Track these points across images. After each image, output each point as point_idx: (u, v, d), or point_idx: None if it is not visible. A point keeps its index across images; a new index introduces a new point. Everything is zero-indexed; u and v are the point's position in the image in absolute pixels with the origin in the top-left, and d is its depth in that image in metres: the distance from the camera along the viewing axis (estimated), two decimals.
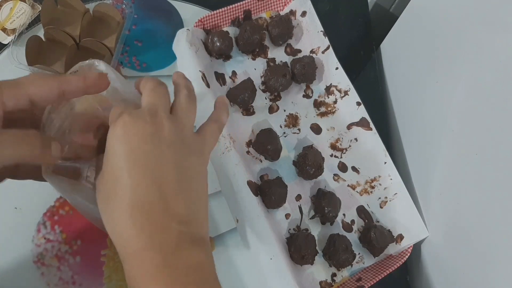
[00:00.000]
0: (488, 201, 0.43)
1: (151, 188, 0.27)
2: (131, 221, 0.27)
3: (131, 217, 0.27)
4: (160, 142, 0.29)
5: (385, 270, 0.50)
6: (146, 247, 0.26)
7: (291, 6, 0.59)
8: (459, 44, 0.47)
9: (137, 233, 0.27)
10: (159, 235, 0.27)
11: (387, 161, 0.54)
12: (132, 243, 0.27)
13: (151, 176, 0.28)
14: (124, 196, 0.27)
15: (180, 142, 0.30)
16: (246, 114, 0.55)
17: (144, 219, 0.27)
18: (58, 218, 0.50)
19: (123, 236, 0.27)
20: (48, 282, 0.48)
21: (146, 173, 0.28)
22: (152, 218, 0.27)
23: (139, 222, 0.27)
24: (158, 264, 0.26)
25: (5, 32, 0.56)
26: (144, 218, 0.27)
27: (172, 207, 0.28)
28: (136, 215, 0.27)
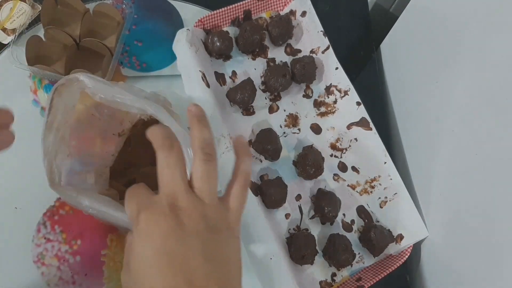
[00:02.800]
0: (488, 201, 0.43)
1: (181, 285, 0.27)
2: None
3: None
4: (184, 233, 0.28)
5: (385, 270, 0.50)
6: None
7: (291, 6, 0.59)
8: (459, 44, 0.47)
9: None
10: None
11: (387, 161, 0.55)
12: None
13: (179, 274, 0.27)
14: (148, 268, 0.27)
15: (204, 226, 0.29)
16: (246, 114, 0.55)
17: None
18: (58, 218, 0.50)
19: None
20: (48, 282, 0.48)
21: (174, 272, 0.27)
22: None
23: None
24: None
25: (5, 32, 0.56)
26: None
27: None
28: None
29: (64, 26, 0.54)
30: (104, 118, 0.47)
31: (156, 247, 0.28)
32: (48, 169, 0.40)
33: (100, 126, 0.47)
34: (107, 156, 0.49)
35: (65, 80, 0.40)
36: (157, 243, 0.28)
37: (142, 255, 0.28)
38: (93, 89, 0.41)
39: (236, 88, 0.53)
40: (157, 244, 0.28)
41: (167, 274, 0.27)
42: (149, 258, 0.28)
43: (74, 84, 0.41)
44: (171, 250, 0.28)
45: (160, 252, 0.28)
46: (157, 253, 0.28)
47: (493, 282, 0.43)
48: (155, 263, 0.27)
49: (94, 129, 0.47)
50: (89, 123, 0.46)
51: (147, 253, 0.28)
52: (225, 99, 0.54)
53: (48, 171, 0.40)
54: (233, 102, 0.54)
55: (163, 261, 0.27)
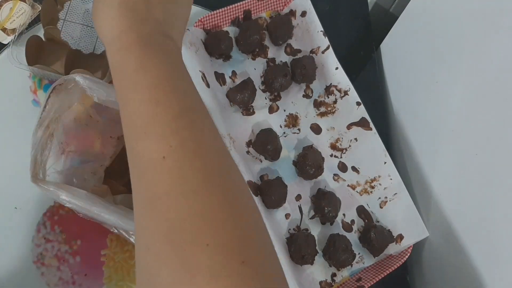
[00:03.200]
0: (488, 201, 0.43)
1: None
2: (117, 11, 0.31)
3: (118, 12, 0.31)
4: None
5: (385, 270, 0.50)
6: (126, 31, 0.31)
7: (291, 6, 0.59)
8: (459, 44, 0.47)
9: (120, 23, 0.31)
10: (138, 24, 0.31)
11: (387, 161, 0.54)
12: (115, 30, 0.31)
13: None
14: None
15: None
16: (246, 114, 0.55)
17: (128, 13, 0.31)
18: (58, 218, 0.50)
19: (110, 24, 0.31)
20: (48, 282, 0.48)
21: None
22: (134, 13, 0.31)
23: (123, 16, 0.31)
24: (134, 39, 0.30)
25: (5, 32, 0.56)
26: (128, 13, 0.31)
27: (152, 12, 0.32)
28: (122, 11, 0.31)
29: None
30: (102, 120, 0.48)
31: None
32: (32, 164, 0.41)
33: (98, 128, 0.48)
34: (103, 157, 0.49)
35: (63, 80, 0.42)
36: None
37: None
38: (89, 89, 0.42)
39: (236, 88, 0.53)
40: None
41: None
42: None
43: (71, 84, 0.42)
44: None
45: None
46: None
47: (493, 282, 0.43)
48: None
49: (92, 130, 0.48)
50: (86, 124, 0.47)
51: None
52: (225, 99, 0.54)
53: (32, 166, 0.41)
54: (233, 102, 0.54)
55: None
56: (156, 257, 0.26)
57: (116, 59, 0.31)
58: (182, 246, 0.25)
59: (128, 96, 0.30)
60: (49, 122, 0.42)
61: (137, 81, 0.30)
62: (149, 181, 0.27)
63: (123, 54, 0.30)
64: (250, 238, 0.26)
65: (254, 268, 0.25)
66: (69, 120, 0.46)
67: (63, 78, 0.42)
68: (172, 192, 0.26)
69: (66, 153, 0.47)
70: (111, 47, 0.31)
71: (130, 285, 0.48)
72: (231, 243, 0.25)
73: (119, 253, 0.49)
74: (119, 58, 0.31)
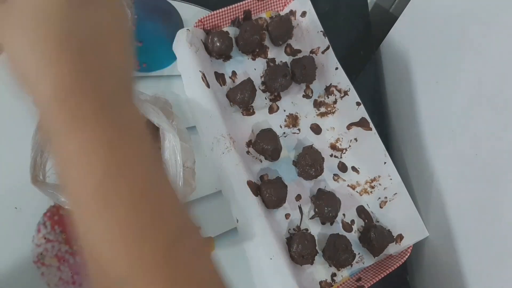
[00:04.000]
0: (488, 201, 0.43)
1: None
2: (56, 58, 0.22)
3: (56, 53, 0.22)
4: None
5: (385, 270, 0.50)
6: (74, 91, 0.22)
7: (291, 6, 0.59)
8: (459, 44, 0.47)
9: (63, 78, 0.22)
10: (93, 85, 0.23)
11: (387, 161, 0.54)
12: (58, 86, 0.22)
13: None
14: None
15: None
16: (246, 114, 0.55)
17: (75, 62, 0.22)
18: (58, 218, 0.50)
19: (47, 80, 0.22)
20: (48, 282, 0.48)
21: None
22: (83, 57, 0.22)
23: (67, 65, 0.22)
24: (90, 110, 0.22)
25: None
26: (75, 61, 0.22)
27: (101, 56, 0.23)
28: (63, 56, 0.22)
29: None
30: None
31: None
32: (31, 166, 0.41)
33: None
34: None
35: None
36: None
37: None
38: None
39: (236, 88, 0.53)
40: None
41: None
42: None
43: None
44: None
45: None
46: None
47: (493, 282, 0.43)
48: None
49: None
50: None
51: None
52: (225, 99, 0.54)
53: (32, 168, 0.41)
54: (233, 102, 0.54)
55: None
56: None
57: (57, 137, 0.23)
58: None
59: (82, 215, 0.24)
60: None
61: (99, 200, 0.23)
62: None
63: (73, 131, 0.22)
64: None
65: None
66: None
67: None
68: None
69: None
70: (51, 107, 0.22)
71: None
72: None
73: None
74: (61, 138, 0.23)
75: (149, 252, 0.23)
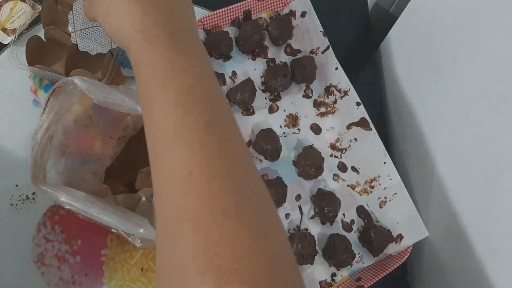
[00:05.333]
0: (488, 200, 0.43)
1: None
2: (137, 9, 0.29)
3: (137, 5, 0.29)
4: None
5: (385, 270, 0.50)
6: (150, 26, 0.28)
7: (291, 6, 0.59)
8: (459, 44, 0.47)
9: (143, 18, 0.29)
10: (163, 19, 0.29)
11: (387, 161, 0.54)
12: (136, 27, 0.29)
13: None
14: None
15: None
16: (246, 114, 0.55)
17: (149, 6, 0.29)
18: (58, 218, 0.50)
19: (129, 25, 0.29)
20: (48, 282, 0.48)
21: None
22: (156, 6, 0.29)
23: (145, 9, 0.29)
24: (161, 35, 0.28)
25: (5, 32, 0.56)
26: (149, 5, 0.29)
27: (173, 4, 0.30)
28: (142, 4, 0.29)
29: (64, 27, 0.54)
30: (103, 121, 0.49)
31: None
32: (32, 166, 0.42)
33: (99, 129, 0.49)
34: (104, 158, 0.50)
35: (62, 83, 0.43)
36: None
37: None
38: (87, 91, 0.43)
39: (236, 88, 0.53)
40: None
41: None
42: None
43: (70, 87, 0.43)
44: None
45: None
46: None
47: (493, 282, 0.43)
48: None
49: (92, 131, 0.49)
50: (86, 125, 0.48)
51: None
52: None
53: (32, 168, 0.42)
54: (233, 102, 0.54)
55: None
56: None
57: (142, 58, 0.28)
58: (208, 271, 0.23)
59: (154, 98, 0.27)
60: (48, 124, 0.42)
61: (166, 83, 0.27)
62: (175, 198, 0.26)
63: (150, 52, 0.28)
64: (276, 269, 0.25)
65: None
66: (69, 121, 0.46)
67: (62, 80, 0.43)
68: (201, 215, 0.24)
69: (67, 154, 0.47)
70: (134, 46, 0.29)
71: (130, 285, 0.49)
72: (258, 274, 0.24)
73: (119, 253, 0.49)
74: (145, 57, 0.28)
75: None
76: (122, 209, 0.42)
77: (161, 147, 0.27)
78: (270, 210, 0.28)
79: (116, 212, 0.40)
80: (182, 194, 0.25)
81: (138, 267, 0.49)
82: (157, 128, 0.27)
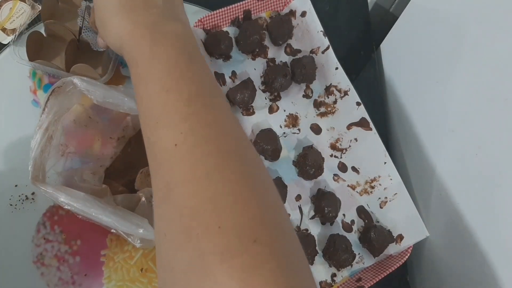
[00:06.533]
0: (488, 201, 0.43)
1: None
2: (119, 18, 0.34)
3: (119, 15, 0.34)
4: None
5: (385, 270, 0.50)
6: (133, 28, 0.33)
7: (291, 6, 0.59)
8: (459, 44, 0.47)
9: (125, 23, 0.33)
10: (142, 18, 0.33)
11: (387, 161, 0.54)
12: (123, 32, 0.33)
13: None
14: (110, 6, 0.34)
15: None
16: (246, 114, 0.55)
17: (129, 12, 0.33)
18: (58, 218, 0.50)
19: (117, 31, 0.34)
20: (48, 282, 0.48)
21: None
22: (135, 10, 0.34)
23: (125, 16, 0.33)
24: (144, 33, 0.32)
25: (4, 32, 0.56)
26: (129, 12, 0.34)
27: (149, 2, 0.34)
28: (123, 13, 0.34)
29: (65, 22, 0.54)
30: (102, 121, 0.49)
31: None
32: (32, 166, 0.42)
33: (98, 129, 0.49)
34: (104, 158, 0.50)
35: (62, 83, 0.43)
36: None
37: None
38: (87, 92, 0.43)
39: (236, 88, 0.53)
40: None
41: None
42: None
43: (69, 87, 0.43)
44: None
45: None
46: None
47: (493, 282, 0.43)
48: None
49: (91, 131, 0.49)
50: (85, 125, 0.48)
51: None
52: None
53: (32, 168, 0.42)
54: (233, 102, 0.53)
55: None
56: (172, 243, 0.26)
57: (131, 55, 0.32)
58: (195, 231, 0.25)
59: (141, 89, 0.31)
60: (48, 124, 0.42)
61: (149, 72, 0.31)
62: (164, 171, 0.28)
63: (136, 49, 0.32)
64: (262, 218, 0.26)
65: (266, 246, 0.25)
66: (68, 121, 0.47)
67: (62, 80, 0.43)
68: (185, 180, 0.27)
69: (66, 154, 0.48)
70: (125, 49, 0.33)
71: (130, 285, 0.48)
72: (242, 223, 0.25)
73: (119, 253, 0.49)
74: (133, 53, 0.32)
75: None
76: (121, 209, 0.42)
77: (149, 129, 0.30)
78: (256, 167, 0.30)
79: (115, 212, 0.40)
80: (170, 167, 0.28)
81: (138, 268, 0.49)
82: (146, 114, 0.31)
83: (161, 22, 0.33)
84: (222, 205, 0.26)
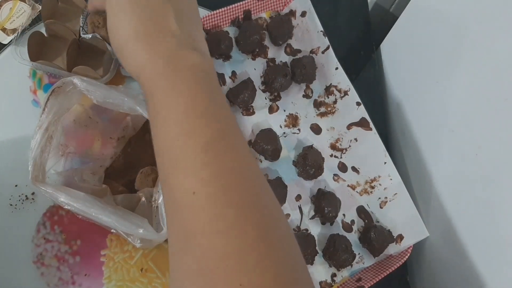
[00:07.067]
0: (488, 201, 0.43)
1: (144, 18, 0.32)
2: (134, 46, 0.32)
3: (134, 43, 0.32)
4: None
5: (385, 270, 0.50)
6: (150, 58, 0.31)
7: (291, 6, 0.59)
8: (459, 44, 0.47)
9: (141, 51, 0.31)
10: (158, 46, 0.31)
11: (387, 161, 0.54)
12: (139, 60, 0.31)
13: (143, 10, 0.32)
14: (124, 32, 0.32)
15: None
16: (246, 114, 0.55)
17: (143, 40, 0.32)
18: (58, 218, 0.50)
19: (133, 59, 0.32)
20: (48, 282, 0.48)
21: (137, 10, 0.32)
22: (151, 36, 0.32)
23: (140, 44, 0.32)
24: (161, 67, 0.31)
25: (4, 32, 0.56)
26: (143, 39, 0.32)
27: (164, 25, 0.32)
28: (137, 41, 0.32)
29: (65, 22, 0.54)
30: (102, 121, 0.49)
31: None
32: (31, 166, 0.42)
33: (98, 129, 0.49)
34: (104, 158, 0.50)
35: (62, 83, 0.43)
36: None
37: (114, 4, 0.34)
38: (87, 92, 0.43)
39: (236, 88, 0.53)
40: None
41: (133, 10, 0.32)
42: (118, 4, 0.33)
43: (69, 87, 0.43)
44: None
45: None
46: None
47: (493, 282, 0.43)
48: (124, 4, 0.33)
49: (91, 131, 0.49)
50: (85, 125, 0.48)
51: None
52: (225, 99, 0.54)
53: (32, 168, 0.42)
54: (233, 102, 0.53)
55: (130, 3, 0.33)
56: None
57: (147, 87, 0.31)
58: (215, 285, 0.25)
59: (158, 127, 0.30)
60: (48, 124, 0.42)
61: (167, 111, 0.29)
62: (183, 218, 0.27)
63: (152, 83, 0.31)
64: (284, 276, 0.26)
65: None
66: (68, 121, 0.47)
67: (62, 80, 0.43)
68: (206, 231, 0.26)
69: (66, 154, 0.48)
70: (141, 80, 0.32)
71: (130, 285, 0.48)
72: (265, 282, 0.25)
73: (119, 253, 0.49)
74: (150, 86, 0.31)
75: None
76: (121, 209, 0.42)
77: (166, 171, 0.29)
78: (276, 217, 0.29)
79: (115, 212, 0.40)
80: (190, 215, 0.27)
81: (138, 268, 0.49)
82: (162, 154, 0.30)
83: (178, 53, 0.31)
84: (245, 262, 0.25)
